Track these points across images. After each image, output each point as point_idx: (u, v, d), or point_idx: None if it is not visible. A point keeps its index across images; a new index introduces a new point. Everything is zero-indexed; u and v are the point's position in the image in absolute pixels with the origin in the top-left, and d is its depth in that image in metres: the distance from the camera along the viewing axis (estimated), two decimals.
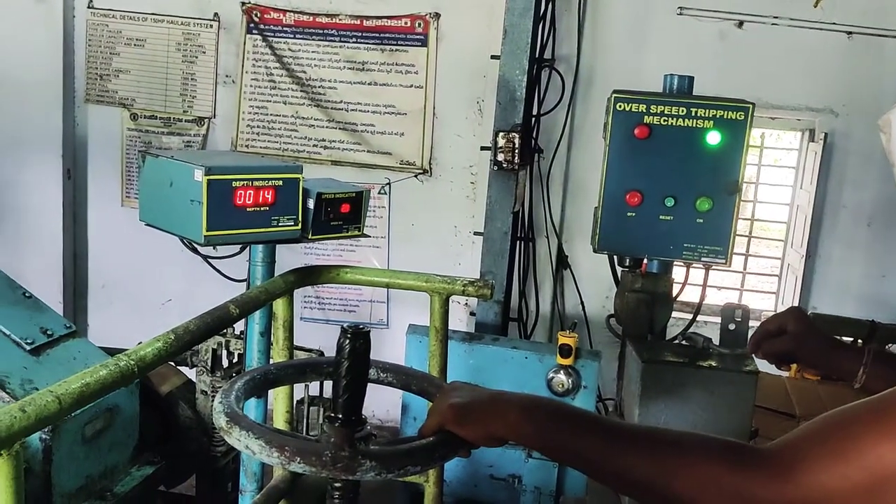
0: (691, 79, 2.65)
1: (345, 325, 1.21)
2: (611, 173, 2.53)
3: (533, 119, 4.41)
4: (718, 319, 2.38)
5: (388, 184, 4.92)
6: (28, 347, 2.41)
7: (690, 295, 3.15)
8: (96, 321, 5.38)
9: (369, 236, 4.86)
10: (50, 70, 4.98)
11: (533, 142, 4.48)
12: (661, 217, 2.53)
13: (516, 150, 3.89)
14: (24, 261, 4.98)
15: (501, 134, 3.90)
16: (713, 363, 2.27)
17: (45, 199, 5.10)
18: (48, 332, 2.50)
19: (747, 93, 2.75)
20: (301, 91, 4.93)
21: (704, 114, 2.48)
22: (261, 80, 4.97)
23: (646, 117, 2.48)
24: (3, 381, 2.23)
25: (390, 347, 4.17)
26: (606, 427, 1.15)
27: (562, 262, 4.79)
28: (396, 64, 4.83)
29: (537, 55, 4.30)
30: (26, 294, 2.62)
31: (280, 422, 2.24)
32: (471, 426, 1.20)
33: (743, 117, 2.47)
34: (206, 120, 5.07)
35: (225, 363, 3.13)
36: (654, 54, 4.49)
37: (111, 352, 2.51)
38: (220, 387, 3.05)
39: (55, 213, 5.12)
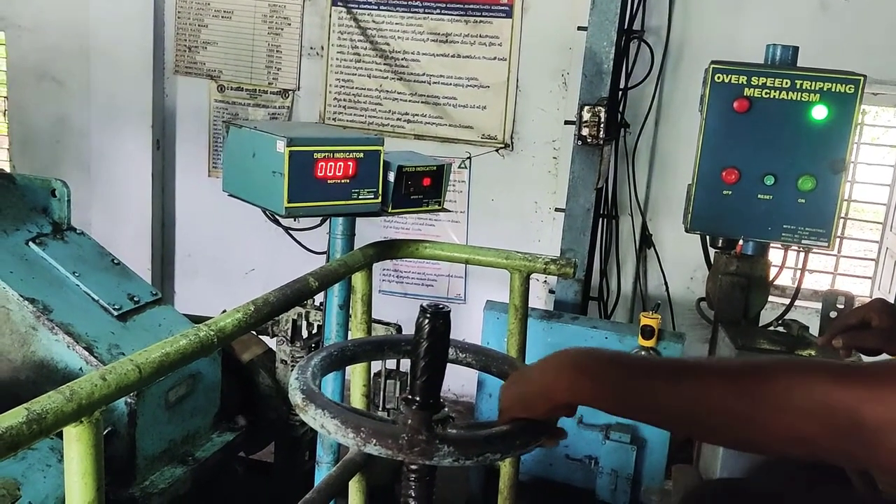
0: (796, 49, 2.49)
1: (424, 303, 1.16)
2: (706, 149, 2.40)
3: (620, 93, 4.26)
4: (811, 304, 2.24)
5: (469, 158, 4.86)
6: (115, 313, 2.47)
7: (780, 278, 2.99)
8: (182, 289, 5.53)
9: (450, 211, 4.81)
10: (141, 42, 5.10)
11: (619, 116, 4.34)
12: (759, 196, 2.39)
13: (602, 125, 3.76)
14: (116, 228, 5.15)
15: (587, 108, 3.78)
16: (813, 352, 2.14)
17: (136, 169, 5.24)
18: (135, 299, 2.56)
19: (848, 66, 2.56)
20: (385, 64, 4.90)
21: (810, 86, 2.32)
22: (346, 53, 4.96)
23: (746, 90, 2.34)
24: (92, 346, 2.29)
25: (467, 323, 4.13)
26: (668, 366, 1.05)
27: (645, 241, 4.64)
28: (480, 36, 4.74)
29: (626, 26, 4.14)
30: (115, 261, 2.68)
31: (357, 395, 2.23)
32: (535, 407, 1.13)
33: (852, 90, 2.31)
34: (290, 92, 5.11)
35: (304, 333, 3.15)
36: (750, 26, 4.26)
37: (195, 319, 2.56)
38: (299, 356, 3.07)
39: (145, 183, 5.26)
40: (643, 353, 3.15)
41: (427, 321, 1.14)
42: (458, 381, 4.73)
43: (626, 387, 1.03)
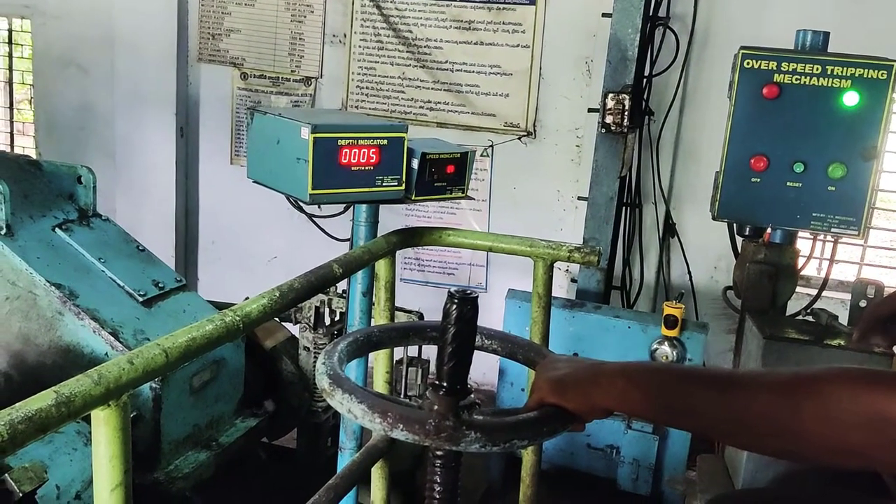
0: (826, 34, 2.44)
1: (452, 289, 1.15)
2: (735, 136, 2.37)
3: (644, 80, 4.22)
4: (837, 294, 2.20)
5: (491, 146, 4.84)
6: (140, 299, 2.48)
7: (805, 269, 2.94)
8: (206, 275, 5.57)
9: (473, 198, 4.80)
10: (165, 30, 5.12)
11: (644, 104, 4.29)
12: (788, 183, 2.36)
13: (626, 113, 3.73)
14: (141, 215, 5.19)
15: (611, 95, 3.74)
16: (842, 342, 2.11)
17: (160, 156, 5.28)
18: (160, 285, 2.58)
19: (878, 54, 2.51)
20: (407, 51, 4.89)
21: (841, 72, 2.28)
22: (369, 41, 4.95)
23: (776, 76, 2.31)
24: (117, 331, 2.30)
25: (488, 311, 4.11)
26: (716, 377, 1.05)
27: (669, 230, 4.60)
28: (503, 23, 4.71)
29: (651, 13, 4.09)
30: (140, 248, 2.70)
31: (380, 381, 2.23)
32: (572, 398, 1.13)
33: (885, 76, 2.27)
34: (312, 80, 5.10)
35: (327, 321, 3.16)
36: (777, 13, 4.20)
37: (219, 306, 2.57)
38: (322, 344, 3.08)
39: (168, 170, 5.29)
40: (666, 342, 3.13)
41: (455, 307, 1.13)
42: (480, 369, 4.72)
43: (673, 398, 1.04)
